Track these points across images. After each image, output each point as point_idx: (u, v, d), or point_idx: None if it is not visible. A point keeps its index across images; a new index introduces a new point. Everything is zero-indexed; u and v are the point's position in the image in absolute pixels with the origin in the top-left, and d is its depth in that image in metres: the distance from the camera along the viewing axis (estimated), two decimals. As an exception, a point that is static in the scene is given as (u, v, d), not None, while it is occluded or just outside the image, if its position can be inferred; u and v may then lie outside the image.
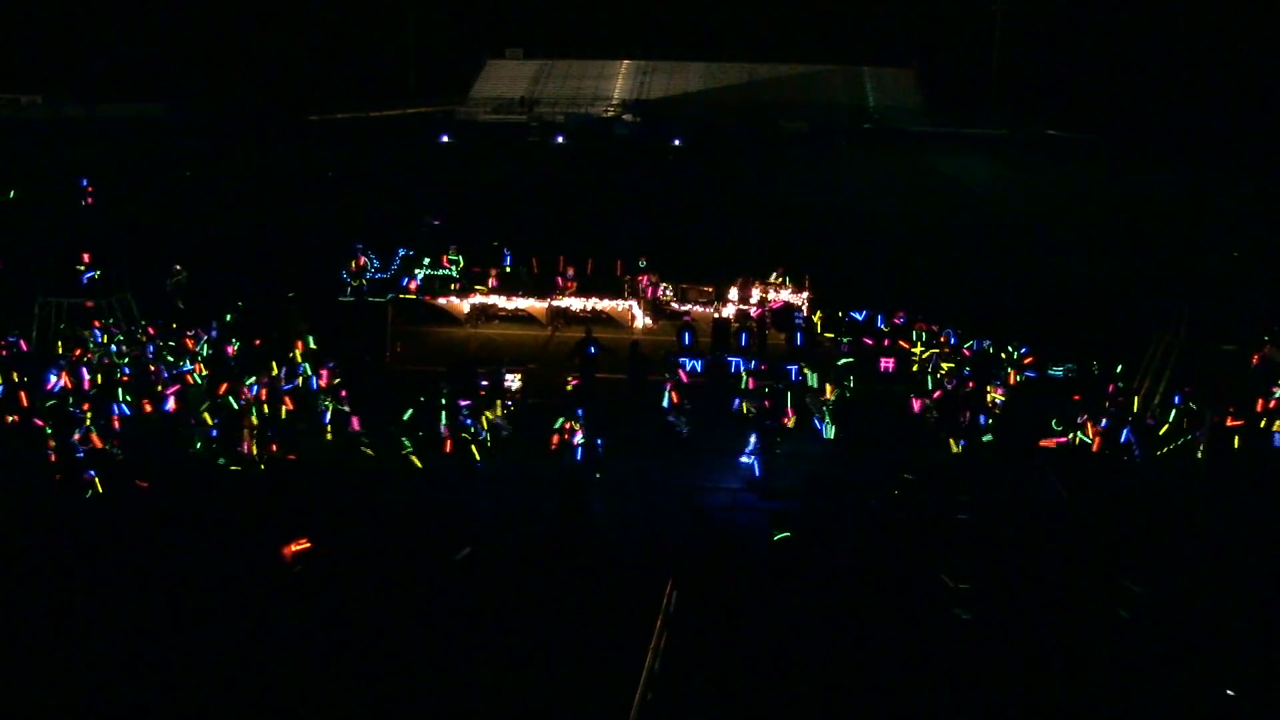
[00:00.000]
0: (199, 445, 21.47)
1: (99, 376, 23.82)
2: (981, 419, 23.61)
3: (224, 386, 22.85)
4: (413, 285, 30.72)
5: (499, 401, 23.36)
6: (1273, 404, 23.88)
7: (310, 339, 25.96)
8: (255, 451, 21.39)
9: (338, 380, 23.44)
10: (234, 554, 17.82)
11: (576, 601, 16.72)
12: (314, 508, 19.28)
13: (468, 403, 22.35)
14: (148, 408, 22.59)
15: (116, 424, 21.86)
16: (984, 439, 22.79)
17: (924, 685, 15.09)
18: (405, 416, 22.54)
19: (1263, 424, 23.37)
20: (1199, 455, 22.52)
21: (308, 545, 17.69)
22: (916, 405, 24.11)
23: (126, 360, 24.58)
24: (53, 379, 23.06)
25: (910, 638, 16.13)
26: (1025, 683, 15.22)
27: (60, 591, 16.59)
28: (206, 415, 21.93)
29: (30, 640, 15.39)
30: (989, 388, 24.76)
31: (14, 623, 15.83)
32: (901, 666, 15.47)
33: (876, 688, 15.02)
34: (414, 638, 15.73)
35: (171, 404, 22.70)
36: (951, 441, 22.59)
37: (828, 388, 23.92)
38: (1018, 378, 26.10)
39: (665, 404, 23.36)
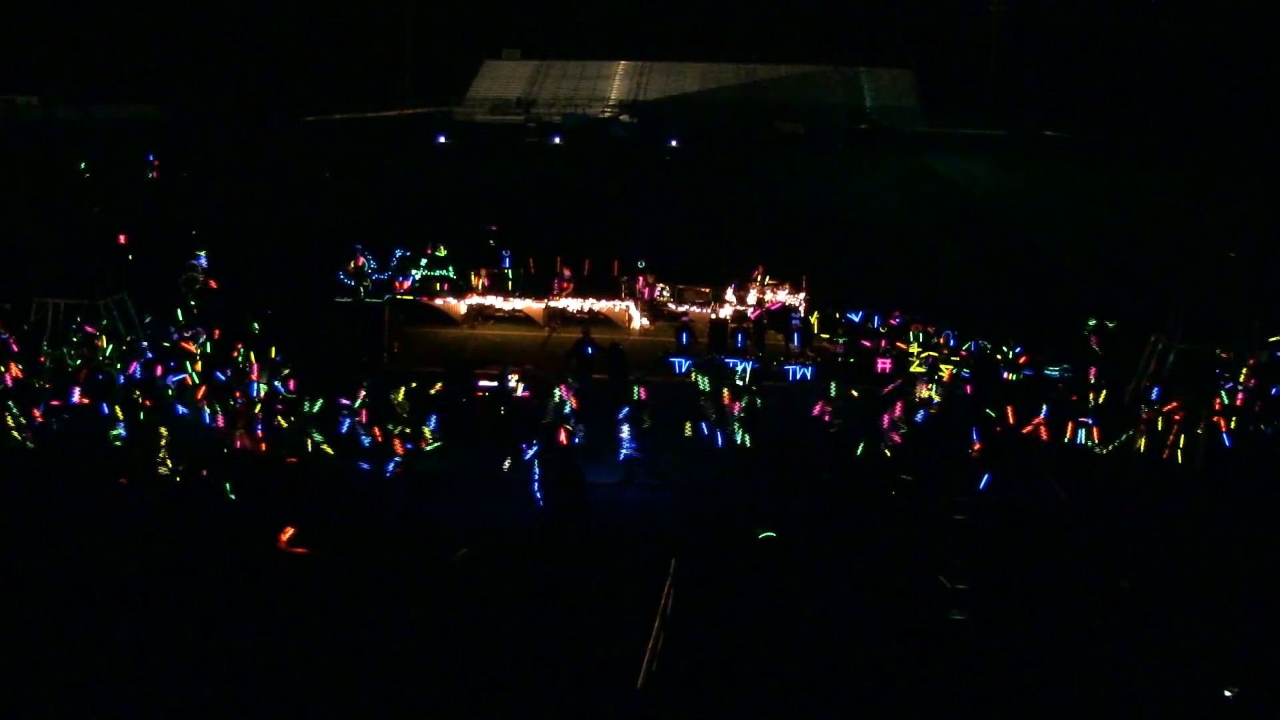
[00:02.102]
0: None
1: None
2: (920, 416, 23.74)
3: (202, 390, 22.97)
4: (404, 285, 30.77)
5: (403, 388, 23.54)
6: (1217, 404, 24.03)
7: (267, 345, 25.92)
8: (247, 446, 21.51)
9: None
10: (230, 555, 17.90)
11: (572, 602, 16.79)
12: (313, 508, 19.36)
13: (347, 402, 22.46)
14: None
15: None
16: (895, 442, 22.65)
17: (920, 686, 15.15)
18: (314, 408, 22.49)
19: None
20: (1178, 456, 22.70)
21: (295, 531, 17.87)
22: (816, 409, 23.76)
23: (120, 366, 24.65)
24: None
25: (906, 639, 16.20)
26: (1022, 683, 15.29)
27: (56, 591, 16.70)
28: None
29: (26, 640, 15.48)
30: (921, 383, 24.90)
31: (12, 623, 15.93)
32: (897, 668, 15.53)
33: (872, 689, 15.09)
34: (411, 639, 15.78)
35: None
36: (863, 444, 22.43)
37: (725, 393, 23.55)
38: (1014, 377, 26.20)
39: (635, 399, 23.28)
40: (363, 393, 22.47)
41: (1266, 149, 61.87)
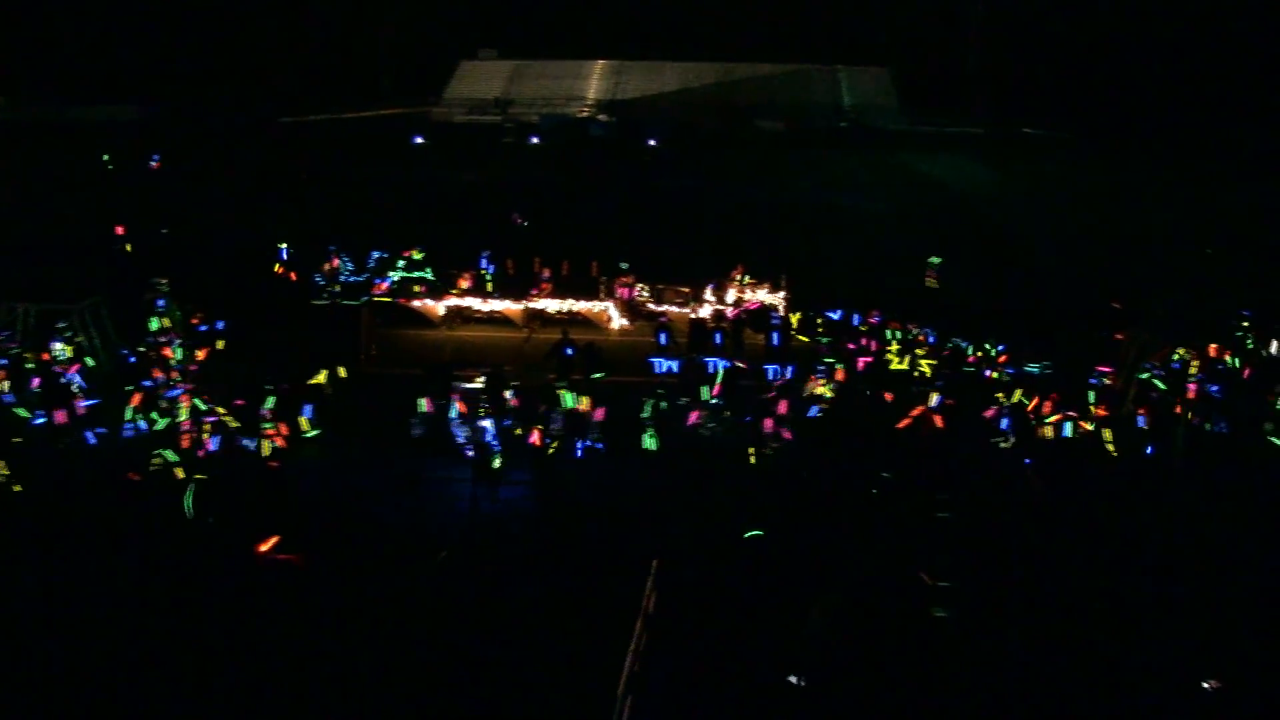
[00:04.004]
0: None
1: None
2: (813, 411, 23.96)
3: (137, 397, 22.93)
4: (381, 287, 30.70)
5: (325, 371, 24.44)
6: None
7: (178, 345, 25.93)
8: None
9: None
10: (215, 559, 17.89)
11: (555, 601, 16.84)
12: (294, 512, 19.37)
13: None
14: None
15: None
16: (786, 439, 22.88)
17: (903, 682, 15.27)
18: (268, 404, 22.78)
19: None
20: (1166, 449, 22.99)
21: (278, 541, 17.87)
22: (693, 417, 24.00)
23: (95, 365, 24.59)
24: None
25: (889, 636, 16.32)
26: (1004, 679, 15.42)
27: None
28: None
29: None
30: (813, 378, 25.10)
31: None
32: (880, 665, 15.65)
33: (855, 686, 15.19)
34: (394, 641, 15.81)
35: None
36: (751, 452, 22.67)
37: (584, 400, 23.60)
38: (996, 375, 26.40)
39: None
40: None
41: (1245, 143, 62.38)
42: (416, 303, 30.94)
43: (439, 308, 31.00)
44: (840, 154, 61.62)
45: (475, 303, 30.98)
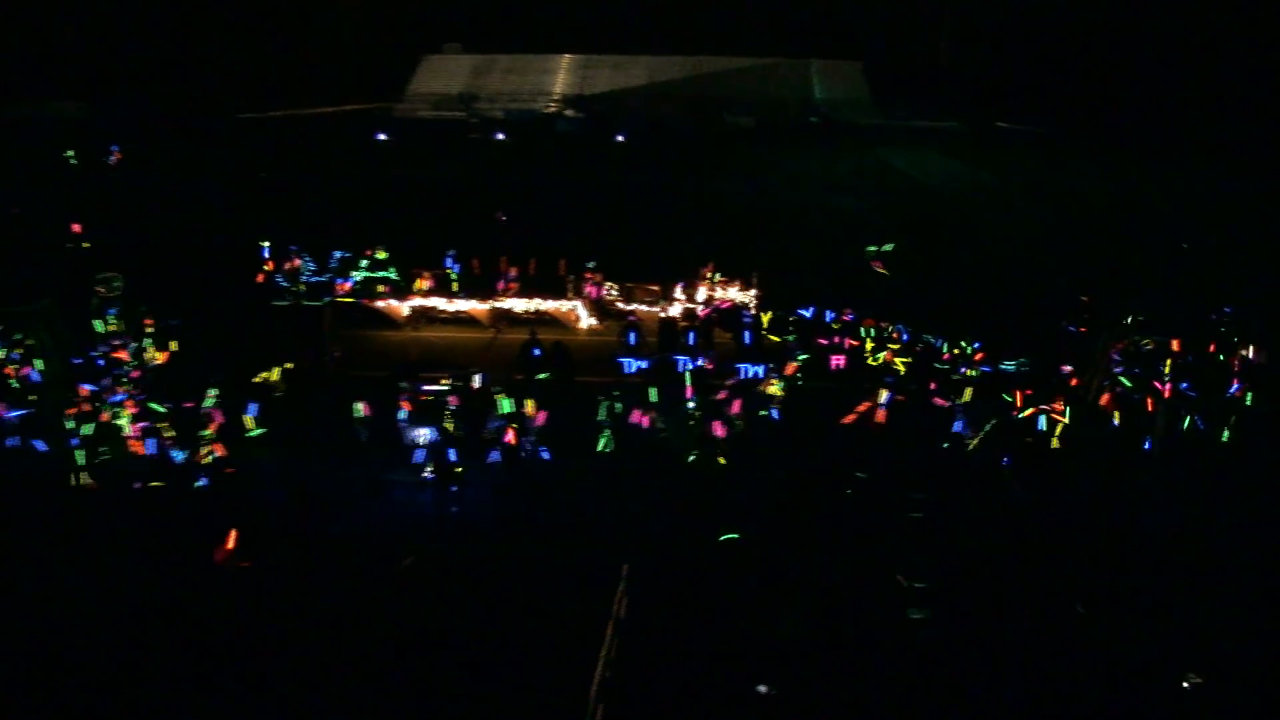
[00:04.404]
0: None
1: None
2: (772, 413, 24.08)
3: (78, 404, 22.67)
4: (344, 287, 30.51)
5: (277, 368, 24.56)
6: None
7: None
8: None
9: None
10: (173, 567, 17.73)
11: (524, 608, 16.79)
12: (255, 519, 19.22)
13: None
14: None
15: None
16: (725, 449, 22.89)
17: (880, 688, 15.30)
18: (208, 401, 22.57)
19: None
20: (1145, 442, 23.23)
21: (234, 543, 17.73)
22: (642, 420, 23.82)
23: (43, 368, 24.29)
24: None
25: (866, 637, 16.36)
26: (981, 681, 15.49)
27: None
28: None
29: None
30: (766, 378, 25.27)
31: None
32: (857, 666, 15.68)
33: (831, 690, 15.21)
34: (359, 650, 15.71)
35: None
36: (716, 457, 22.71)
37: (529, 404, 23.61)
38: (971, 373, 26.55)
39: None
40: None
41: (1228, 139, 63.01)
42: (380, 303, 30.79)
43: (403, 308, 30.86)
44: (812, 149, 61.74)
45: (440, 303, 30.85)
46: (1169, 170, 56.22)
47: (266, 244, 31.51)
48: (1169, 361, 25.54)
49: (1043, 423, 23.76)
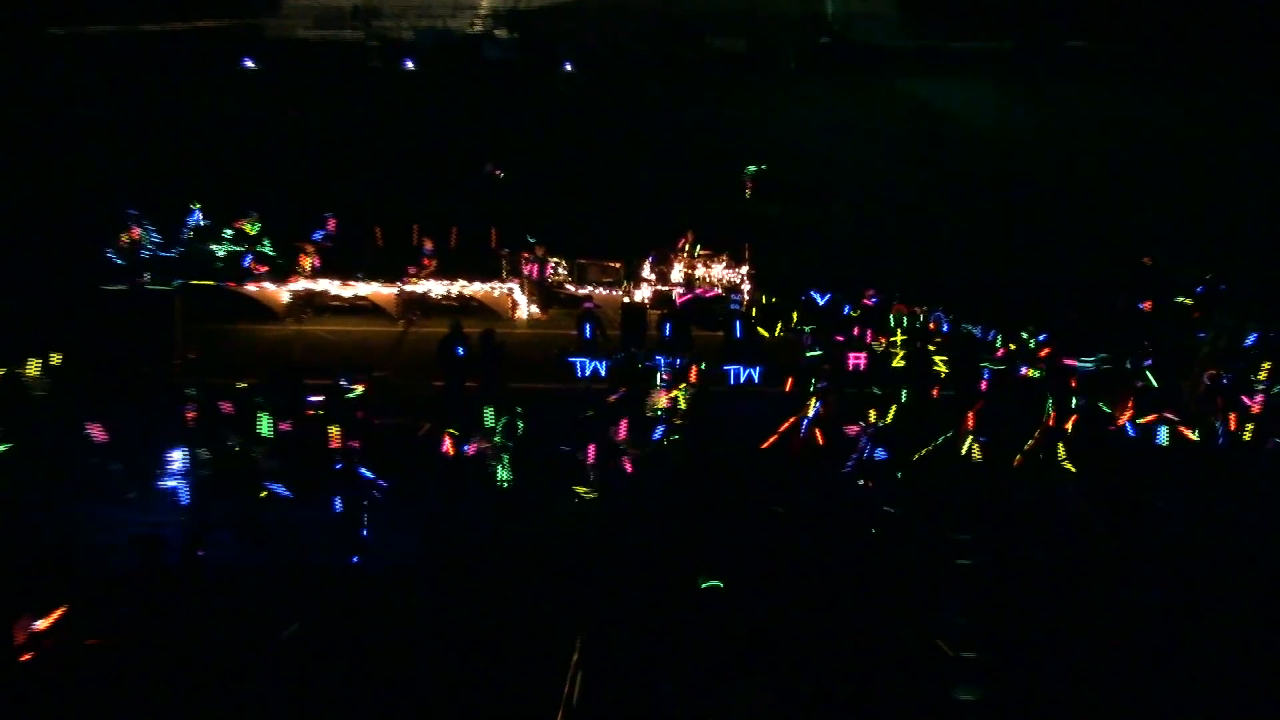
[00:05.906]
0: None
1: None
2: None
3: None
4: (201, 265, 30.35)
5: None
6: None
7: None
8: None
9: None
10: None
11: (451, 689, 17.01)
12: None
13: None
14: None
15: None
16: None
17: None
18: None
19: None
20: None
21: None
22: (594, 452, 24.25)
23: None
24: None
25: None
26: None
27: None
28: None
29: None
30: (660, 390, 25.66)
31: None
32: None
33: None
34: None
35: None
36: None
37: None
38: (1034, 373, 26.84)
39: None
40: None
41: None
42: (251, 286, 30.77)
43: (282, 294, 30.87)
44: (821, 80, 62.02)
45: (333, 286, 30.88)
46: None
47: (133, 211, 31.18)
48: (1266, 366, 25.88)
49: (1163, 435, 24.02)
